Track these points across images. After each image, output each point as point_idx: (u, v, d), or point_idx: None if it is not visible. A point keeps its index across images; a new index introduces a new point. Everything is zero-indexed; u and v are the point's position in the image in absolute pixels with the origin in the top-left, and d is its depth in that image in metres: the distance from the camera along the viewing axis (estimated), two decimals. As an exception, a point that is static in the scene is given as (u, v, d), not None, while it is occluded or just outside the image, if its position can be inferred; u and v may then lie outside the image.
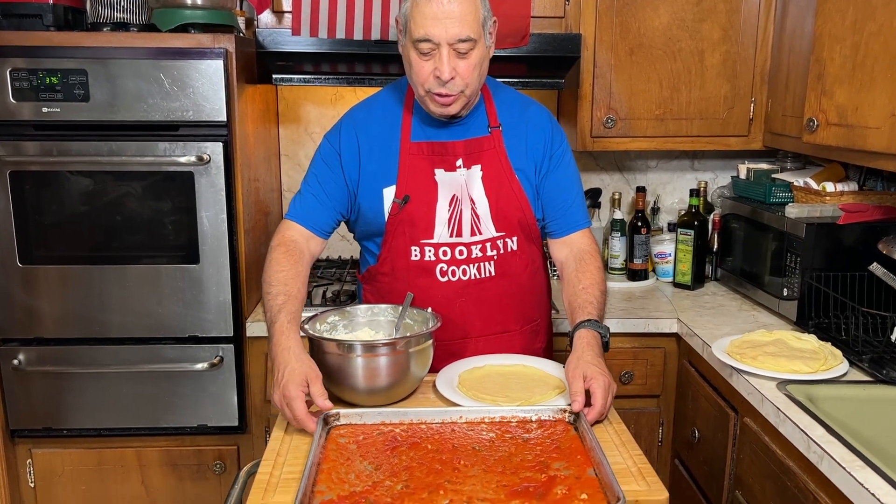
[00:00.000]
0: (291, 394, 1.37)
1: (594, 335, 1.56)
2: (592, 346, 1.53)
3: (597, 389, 1.42)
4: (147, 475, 2.23)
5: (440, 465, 1.27)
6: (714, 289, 2.54)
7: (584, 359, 1.48)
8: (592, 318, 1.58)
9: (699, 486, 2.07)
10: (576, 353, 1.52)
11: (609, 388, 1.44)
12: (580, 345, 1.53)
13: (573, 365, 1.48)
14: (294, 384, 1.37)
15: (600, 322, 1.59)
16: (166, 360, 2.13)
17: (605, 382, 1.43)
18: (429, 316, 1.60)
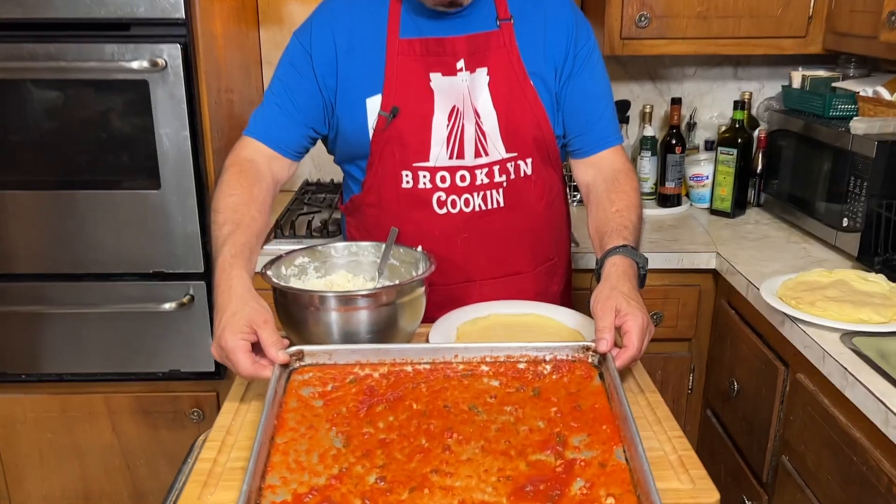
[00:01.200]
0: (229, 344, 1.09)
1: (630, 263, 1.26)
2: (629, 276, 1.23)
3: (632, 328, 1.13)
4: (118, 423, 2.02)
5: (427, 441, 1.00)
6: (756, 216, 2.23)
7: (618, 289, 1.19)
8: (628, 245, 1.28)
9: (735, 443, 1.82)
10: (608, 281, 1.22)
11: (646, 329, 1.16)
12: (614, 273, 1.23)
13: (604, 295, 1.18)
14: (233, 331, 1.09)
15: (637, 250, 1.30)
16: (130, 300, 1.88)
17: (643, 321, 1.15)
18: (419, 256, 1.31)
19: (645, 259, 1.29)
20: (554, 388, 1.09)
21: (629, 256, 1.26)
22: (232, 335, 1.09)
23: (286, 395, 1.09)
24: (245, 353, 1.09)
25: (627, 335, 1.13)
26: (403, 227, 1.36)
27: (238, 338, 1.09)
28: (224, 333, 1.10)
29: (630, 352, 1.13)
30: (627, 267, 1.25)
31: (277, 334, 1.11)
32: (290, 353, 1.12)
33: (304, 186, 2.41)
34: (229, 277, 1.16)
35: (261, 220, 1.29)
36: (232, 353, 1.09)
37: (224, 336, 1.09)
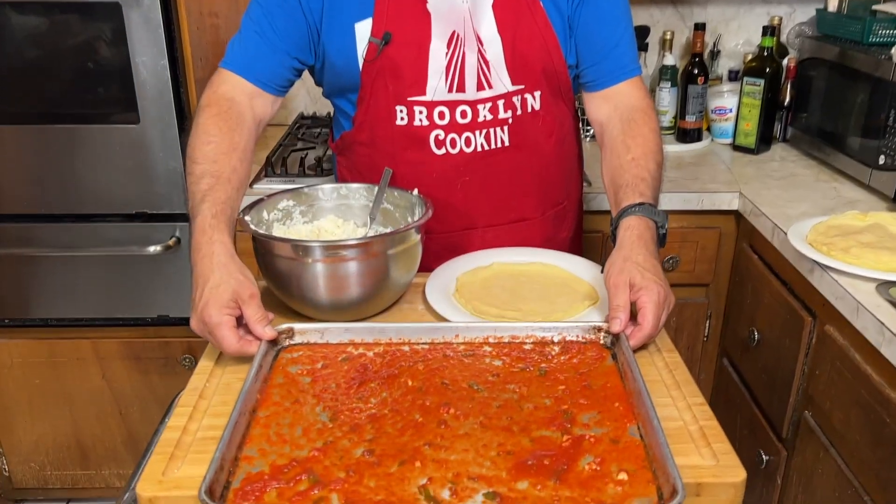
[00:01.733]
0: (213, 319, 0.99)
1: (647, 225, 1.13)
2: (645, 240, 1.11)
3: (647, 303, 1.02)
4: (107, 369, 1.94)
5: (421, 416, 0.91)
6: (782, 152, 2.08)
7: (631, 259, 1.07)
8: (646, 202, 1.15)
9: (753, 394, 1.72)
10: (621, 250, 1.10)
11: (665, 304, 1.04)
12: (628, 239, 1.11)
13: (617, 268, 1.07)
14: (216, 306, 0.99)
15: (655, 207, 1.16)
16: (113, 242, 1.77)
17: (660, 295, 1.03)
18: (415, 201, 1.19)
19: (664, 216, 1.16)
20: (562, 368, 0.99)
21: (646, 216, 1.14)
22: (216, 310, 0.99)
23: (272, 371, 1.00)
24: (230, 330, 0.99)
25: (642, 311, 1.02)
26: (398, 169, 1.24)
27: (223, 313, 0.99)
28: (207, 308, 0.99)
29: (645, 330, 1.02)
30: (644, 229, 1.12)
31: (263, 309, 1.02)
32: (280, 331, 1.03)
33: (299, 120, 2.26)
34: (210, 242, 1.05)
35: (242, 171, 1.17)
36: (216, 330, 0.99)
37: (207, 311, 0.99)
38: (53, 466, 2.05)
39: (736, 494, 0.83)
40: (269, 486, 0.81)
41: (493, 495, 0.79)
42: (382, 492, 0.80)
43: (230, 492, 0.80)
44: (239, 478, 0.82)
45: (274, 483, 0.81)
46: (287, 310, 1.15)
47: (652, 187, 1.19)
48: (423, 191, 1.21)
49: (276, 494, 0.80)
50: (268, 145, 2.09)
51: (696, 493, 0.82)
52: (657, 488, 0.79)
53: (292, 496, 0.79)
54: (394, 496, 0.79)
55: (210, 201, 1.08)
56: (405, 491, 0.80)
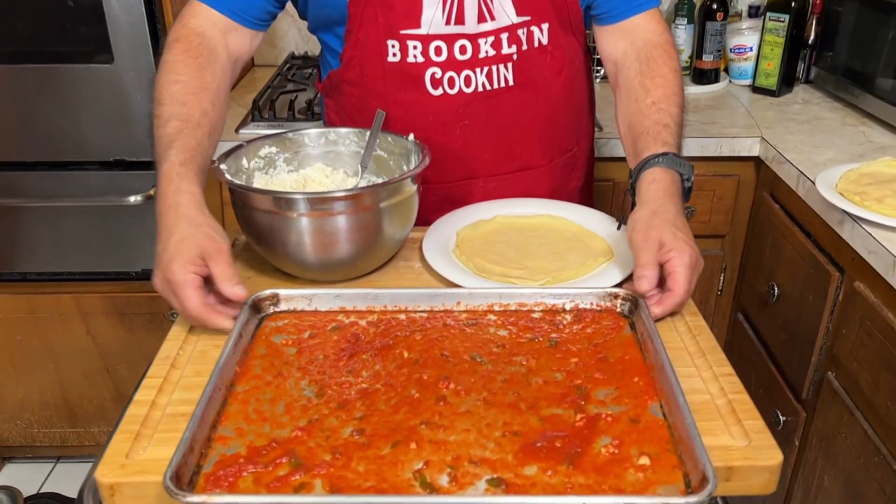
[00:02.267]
0: (177, 277, 0.88)
1: (673, 178, 1.02)
2: (672, 195, 1.00)
3: (678, 266, 0.92)
4: (92, 325, 1.86)
5: (418, 391, 0.81)
6: (805, 94, 1.94)
7: (660, 215, 0.96)
8: (670, 152, 1.03)
9: (770, 352, 1.63)
10: (647, 205, 0.99)
11: (695, 268, 0.94)
12: (654, 193, 0.99)
13: (644, 223, 0.96)
14: (181, 262, 0.88)
15: (680, 157, 1.04)
16: (93, 192, 1.66)
17: (692, 257, 0.93)
18: (411, 147, 1.07)
19: (690, 168, 1.05)
20: (574, 338, 0.89)
21: (671, 167, 1.02)
22: (181, 267, 0.88)
23: (254, 341, 0.90)
24: (195, 290, 0.88)
25: (672, 276, 0.92)
26: (390, 112, 1.12)
27: (188, 270, 0.88)
28: (171, 264, 0.88)
29: (676, 297, 0.91)
30: (670, 183, 1.01)
31: (234, 268, 0.91)
32: (263, 297, 0.93)
33: (289, 60, 2.12)
34: (177, 191, 0.93)
35: (214, 115, 1.04)
36: (179, 289, 0.88)
37: (171, 268, 0.88)
38: (41, 424, 1.98)
39: (770, 479, 0.74)
40: (245, 470, 0.72)
41: (497, 482, 0.70)
42: (372, 477, 0.71)
43: (200, 477, 0.71)
44: (212, 461, 0.73)
45: (250, 467, 0.72)
46: (270, 268, 1.05)
47: (675, 134, 1.08)
48: (418, 136, 1.09)
49: (253, 480, 0.71)
50: (255, 87, 1.96)
51: (726, 478, 0.73)
52: (683, 474, 0.70)
53: (270, 482, 0.70)
54: (385, 482, 0.70)
55: (178, 147, 0.96)
56: (398, 476, 0.71)
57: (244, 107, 1.81)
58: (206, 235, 0.90)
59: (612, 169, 1.66)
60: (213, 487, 0.70)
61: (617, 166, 1.66)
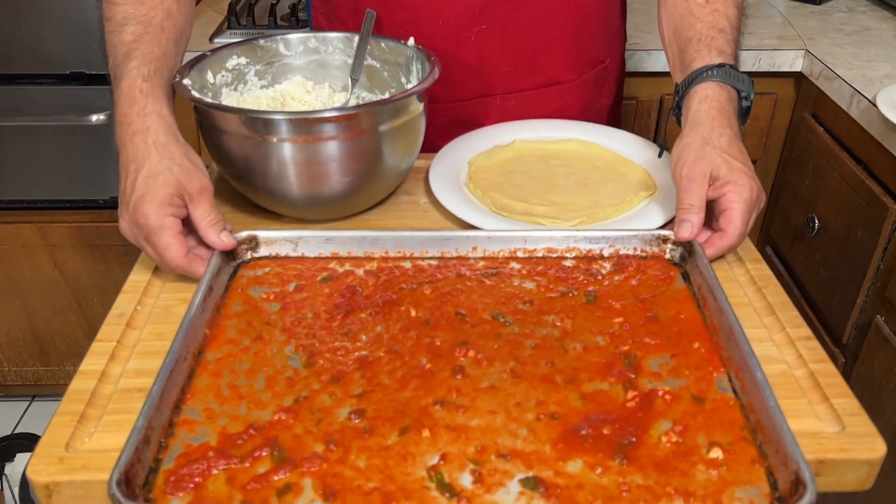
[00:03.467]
0: (151, 221, 0.71)
1: (730, 95, 0.83)
2: (728, 116, 0.81)
3: (734, 203, 0.76)
4: (59, 257, 1.69)
5: (430, 360, 0.66)
6: (849, 2, 1.74)
7: (712, 143, 0.78)
8: (726, 63, 0.84)
9: (804, 291, 1.49)
10: (697, 130, 0.81)
11: (755, 205, 0.78)
12: (706, 114, 0.81)
13: (693, 153, 0.78)
14: (155, 202, 0.71)
15: (738, 70, 0.85)
16: (48, 110, 1.47)
17: (752, 192, 0.77)
18: (412, 54, 0.88)
19: (750, 83, 0.85)
20: (617, 292, 0.73)
21: (728, 82, 0.83)
22: (155, 209, 0.71)
23: (228, 294, 0.73)
24: (175, 237, 0.72)
25: (727, 214, 0.76)
26: (391, 15, 0.93)
27: (165, 213, 0.71)
28: (143, 206, 0.71)
29: (729, 238, 0.76)
30: (725, 101, 0.82)
31: (217, 210, 0.75)
32: (239, 240, 0.76)
33: (271, -41, 1.88)
34: (143, 114, 0.75)
35: (180, 15, 0.85)
36: (156, 235, 0.71)
37: (143, 210, 0.71)
38: (11, 363, 1.85)
39: (869, 474, 0.60)
40: (216, 466, 0.57)
41: (533, 482, 0.56)
42: (376, 476, 0.56)
43: (159, 475, 0.57)
44: (174, 453, 0.58)
45: (222, 462, 0.57)
46: (247, 204, 0.88)
47: (732, 41, 0.89)
48: (424, 45, 0.90)
49: (226, 479, 0.56)
50: (232, -10, 1.73)
51: (816, 473, 0.59)
52: (766, 470, 0.56)
53: (248, 482, 0.56)
54: (392, 483, 0.56)
55: (139, 58, 0.77)
56: (408, 475, 0.56)
57: (219, 12, 1.59)
58: (184, 169, 0.73)
59: (636, 86, 1.48)
60: (175, 490, 0.55)
61: (642, 82, 1.47)
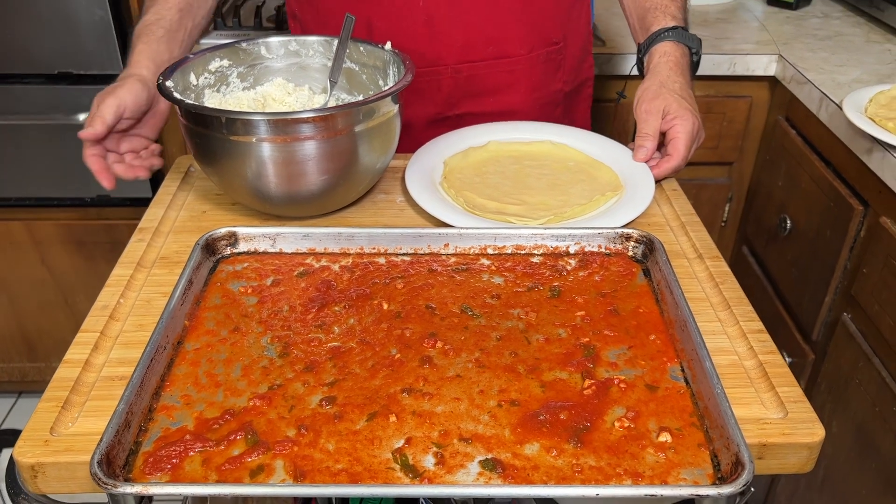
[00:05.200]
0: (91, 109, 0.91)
1: (683, 52, 1.03)
2: (682, 68, 1.01)
3: (679, 133, 0.94)
4: (47, 255, 1.71)
5: (399, 350, 0.69)
6: (825, 7, 1.78)
7: (668, 86, 0.98)
8: (678, 26, 1.02)
9: (777, 289, 1.53)
10: (656, 76, 1.00)
11: (696, 135, 0.97)
12: (664, 65, 1.01)
13: (651, 93, 0.98)
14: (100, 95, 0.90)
15: (688, 30, 1.04)
16: (36, 109, 1.50)
17: (693, 125, 0.95)
18: (388, 58, 0.92)
19: (698, 41, 1.05)
20: (580, 287, 0.77)
21: (681, 41, 1.03)
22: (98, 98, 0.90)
23: (207, 288, 0.76)
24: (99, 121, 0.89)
25: (673, 142, 0.95)
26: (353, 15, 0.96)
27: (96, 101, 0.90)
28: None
29: (674, 161, 0.95)
30: (680, 56, 1.02)
31: (111, 110, 0.89)
32: (218, 237, 0.81)
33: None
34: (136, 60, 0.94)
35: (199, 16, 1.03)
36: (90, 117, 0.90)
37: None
38: (-1, 359, 1.87)
39: (809, 457, 0.63)
40: (193, 448, 0.60)
41: (492, 464, 0.59)
42: (344, 458, 0.59)
43: (139, 457, 0.60)
44: (153, 436, 0.62)
45: (199, 445, 0.61)
46: (228, 201, 0.91)
47: (682, 8, 1.07)
48: (375, 12, 0.98)
49: (202, 461, 0.60)
50: (220, -8, 1.76)
51: (759, 456, 0.63)
52: (711, 453, 0.60)
53: (223, 463, 0.59)
54: (359, 464, 0.59)
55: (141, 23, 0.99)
56: (374, 457, 0.59)
57: (207, 14, 1.62)
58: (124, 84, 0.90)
59: (616, 88, 1.51)
60: (154, 470, 0.59)
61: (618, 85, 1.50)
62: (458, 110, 1.10)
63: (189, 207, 0.92)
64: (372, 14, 1.00)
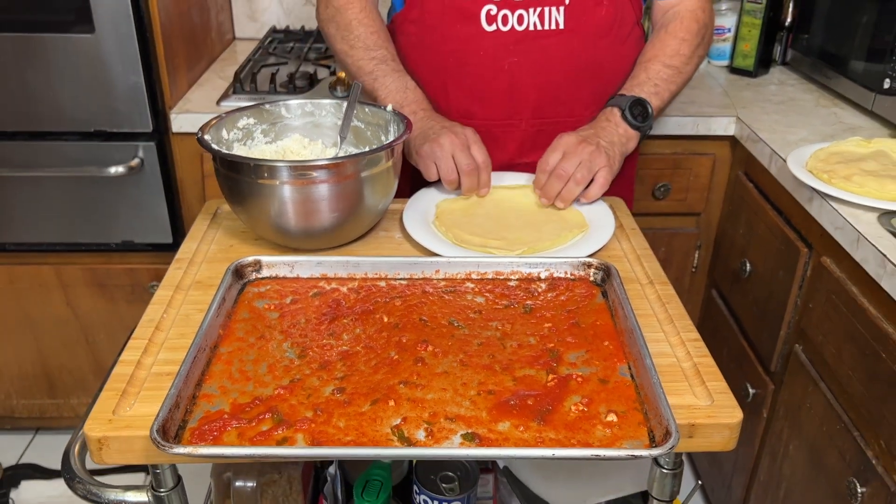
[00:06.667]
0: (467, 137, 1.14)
1: (614, 114, 1.21)
2: (600, 121, 1.20)
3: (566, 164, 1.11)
4: (72, 296, 1.86)
5: (397, 353, 0.84)
6: (781, 76, 1.98)
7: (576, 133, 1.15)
8: (628, 94, 1.20)
9: (742, 327, 1.68)
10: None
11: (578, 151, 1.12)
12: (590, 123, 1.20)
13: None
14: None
15: (642, 99, 1.20)
16: (72, 162, 1.66)
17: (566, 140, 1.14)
18: (389, 118, 1.09)
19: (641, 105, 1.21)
20: (549, 305, 0.92)
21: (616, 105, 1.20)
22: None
23: (237, 305, 0.92)
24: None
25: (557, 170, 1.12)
26: (446, 45, 1.21)
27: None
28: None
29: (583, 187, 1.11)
30: (608, 114, 1.20)
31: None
32: (246, 264, 0.96)
33: (271, 34, 2.12)
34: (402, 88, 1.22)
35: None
36: (472, 143, 1.11)
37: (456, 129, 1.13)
38: (20, 395, 1.99)
39: (731, 435, 0.77)
40: (230, 425, 0.74)
41: (471, 436, 0.73)
42: (352, 432, 0.73)
43: (186, 431, 0.74)
44: (196, 416, 0.76)
45: (234, 422, 0.75)
46: (253, 237, 1.07)
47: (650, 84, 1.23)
48: (469, 69, 1.20)
49: (237, 434, 0.73)
50: (237, 60, 1.96)
51: (689, 435, 0.77)
52: (648, 430, 0.74)
53: (254, 436, 0.73)
54: (365, 437, 0.73)
55: (383, 68, 1.23)
56: (377, 431, 0.73)
57: (225, 80, 1.81)
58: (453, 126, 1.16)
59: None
60: (199, 441, 0.72)
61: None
62: (526, 159, 1.29)
63: (218, 242, 1.07)
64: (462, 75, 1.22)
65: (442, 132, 1.11)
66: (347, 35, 1.24)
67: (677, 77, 1.24)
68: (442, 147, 1.10)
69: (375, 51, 1.23)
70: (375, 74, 1.21)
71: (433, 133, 1.12)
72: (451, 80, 1.23)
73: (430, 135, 1.12)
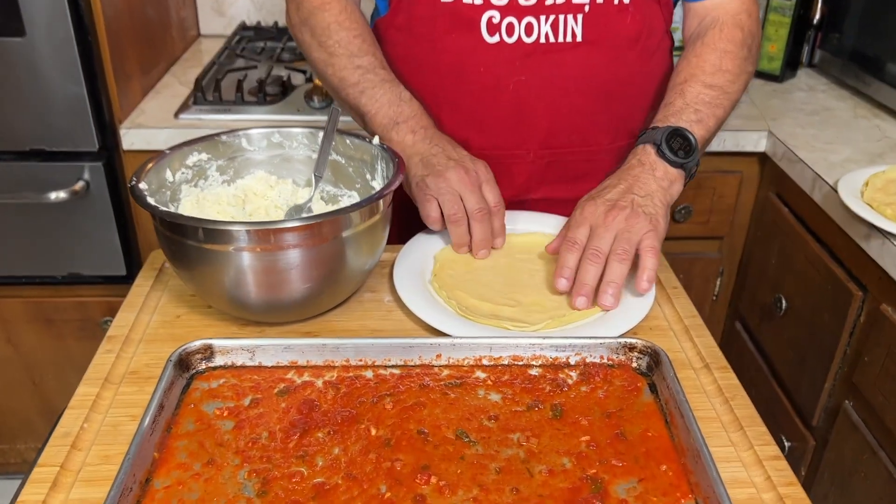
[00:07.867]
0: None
1: (647, 153, 0.93)
2: (629, 165, 0.93)
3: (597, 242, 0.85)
4: (14, 332, 1.63)
5: (389, 487, 0.63)
6: (809, 80, 1.78)
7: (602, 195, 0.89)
8: (662, 126, 0.94)
9: (774, 369, 1.49)
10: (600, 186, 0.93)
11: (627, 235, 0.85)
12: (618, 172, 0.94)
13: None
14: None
15: (681, 129, 0.93)
16: (6, 187, 1.43)
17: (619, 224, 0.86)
18: (376, 152, 0.87)
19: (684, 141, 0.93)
20: (583, 405, 0.71)
21: (650, 144, 0.93)
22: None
23: (179, 411, 0.70)
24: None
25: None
26: (440, 59, 0.98)
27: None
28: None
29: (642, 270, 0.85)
30: (643, 156, 0.93)
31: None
32: (192, 350, 0.74)
33: (240, 31, 1.88)
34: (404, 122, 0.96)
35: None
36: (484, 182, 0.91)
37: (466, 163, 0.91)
38: (-40, 440, 1.77)
39: None
40: None
41: None
42: None
43: None
44: None
45: None
46: (202, 304, 0.86)
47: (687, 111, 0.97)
48: (467, 89, 0.98)
49: None
50: (200, 62, 1.73)
51: None
52: None
53: None
54: None
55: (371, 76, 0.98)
56: None
57: (187, 85, 1.58)
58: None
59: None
60: None
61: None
62: (535, 195, 1.08)
63: (162, 311, 0.86)
64: (459, 95, 0.99)
65: (449, 166, 0.89)
66: (326, 41, 1.00)
67: (723, 99, 1.01)
68: (448, 182, 0.88)
69: (361, 58, 0.99)
70: (362, 86, 0.97)
71: (438, 164, 0.90)
72: (445, 101, 1.01)
73: (435, 165, 0.90)
